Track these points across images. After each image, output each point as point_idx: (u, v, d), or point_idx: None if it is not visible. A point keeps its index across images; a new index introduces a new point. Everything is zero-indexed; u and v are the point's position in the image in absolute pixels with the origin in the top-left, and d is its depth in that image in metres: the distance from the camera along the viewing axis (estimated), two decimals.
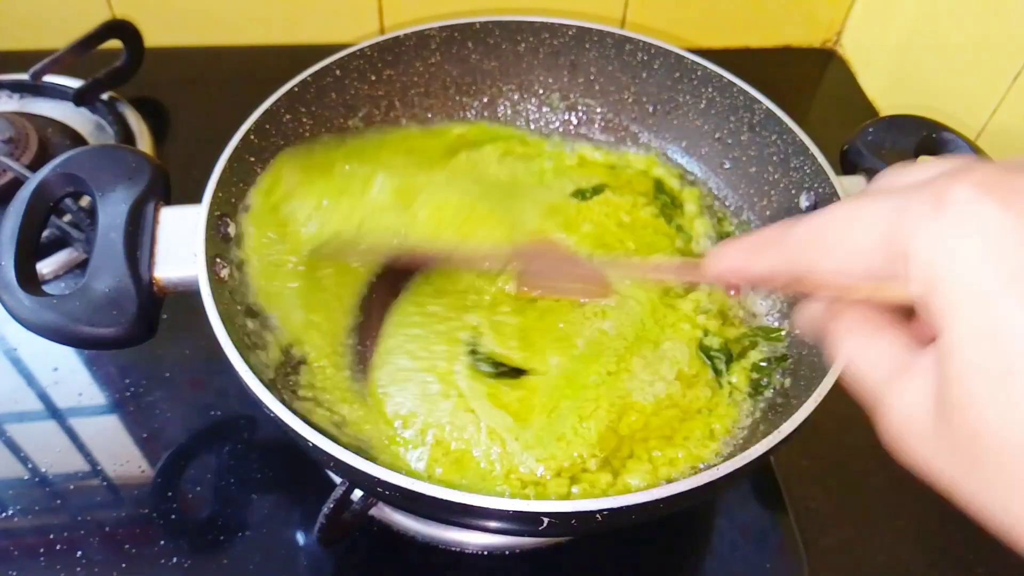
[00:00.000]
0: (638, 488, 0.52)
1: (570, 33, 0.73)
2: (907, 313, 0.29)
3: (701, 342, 0.61)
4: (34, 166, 0.73)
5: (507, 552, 0.59)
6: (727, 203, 0.72)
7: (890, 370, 0.27)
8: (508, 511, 0.42)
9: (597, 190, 0.71)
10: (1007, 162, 0.25)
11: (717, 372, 0.60)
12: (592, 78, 0.76)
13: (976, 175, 0.24)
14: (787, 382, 0.58)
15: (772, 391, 0.59)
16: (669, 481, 0.45)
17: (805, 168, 0.63)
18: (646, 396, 0.57)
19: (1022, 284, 0.22)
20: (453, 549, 0.59)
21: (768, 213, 0.68)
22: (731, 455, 0.52)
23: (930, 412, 0.25)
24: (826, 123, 0.95)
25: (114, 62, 0.85)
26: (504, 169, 0.73)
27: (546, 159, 0.74)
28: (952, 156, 0.63)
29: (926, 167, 0.28)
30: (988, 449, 0.23)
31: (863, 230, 0.27)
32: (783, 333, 0.62)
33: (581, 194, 0.70)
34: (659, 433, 0.56)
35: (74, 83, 0.84)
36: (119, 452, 0.63)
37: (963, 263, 0.23)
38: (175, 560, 0.57)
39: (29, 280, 0.50)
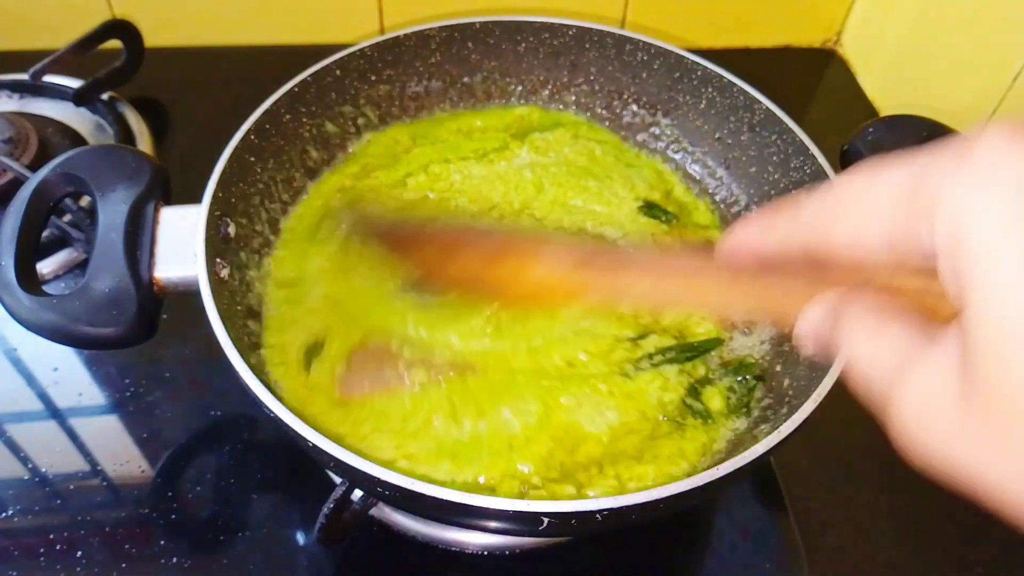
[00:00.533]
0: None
1: (570, 33, 0.73)
2: (924, 301, 0.27)
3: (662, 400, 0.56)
4: (34, 166, 0.73)
5: (507, 552, 0.59)
6: (726, 204, 0.72)
7: (902, 359, 0.25)
8: (508, 511, 0.42)
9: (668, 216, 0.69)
10: None
11: (692, 412, 0.56)
12: (592, 78, 0.76)
13: (1004, 126, 0.22)
14: (765, 399, 0.57)
15: (755, 409, 0.57)
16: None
17: (805, 168, 0.63)
18: (597, 426, 0.53)
19: None
20: (453, 549, 0.59)
21: None
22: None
23: (953, 392, 0.23)
24: (826, 123, 0.95)
25: (114, 62, 0.85)
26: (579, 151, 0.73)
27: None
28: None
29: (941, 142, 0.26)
30: None
31: (884, 189, 0.25)
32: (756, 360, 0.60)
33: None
34: (626, 455, 0.53)
35: (74, 83, 0.84)
36: (119, 452, 0.63)
37: (997, 211, 0.21)
38: (175, 560, 0.57)
39: (29, 280, 0.50)
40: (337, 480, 0.51)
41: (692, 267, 0.33)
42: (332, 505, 0.49)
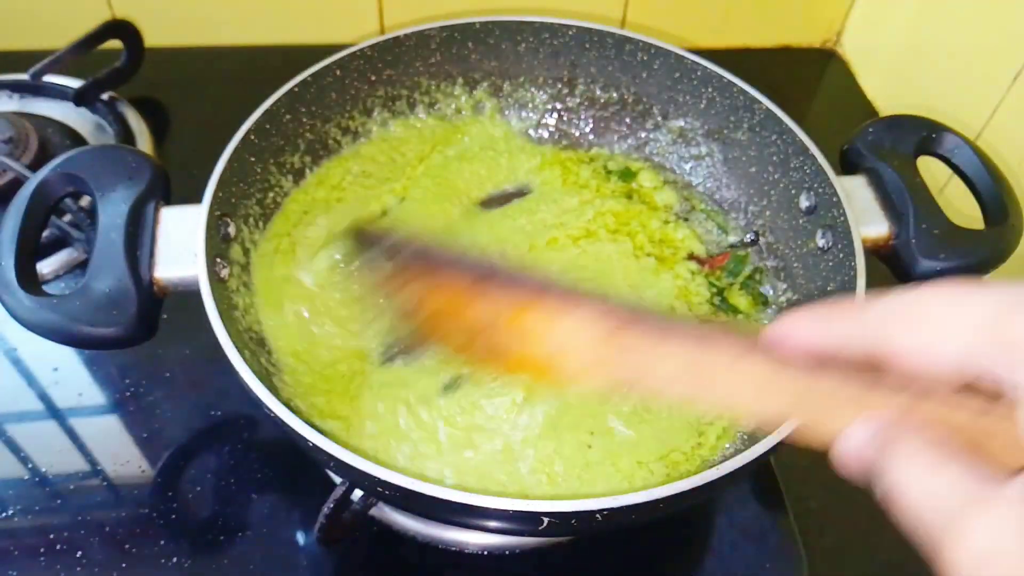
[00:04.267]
0: None
1: (570, 33, 0.73)
2: (978, 424, 0.26)
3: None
4: (34, 166, 0.73)
5: (507, 552, 0.59)
6: (726, 204, 0.72)
7: (963, 500, 0.24)
8: (508, 511, 0.42)
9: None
10: None
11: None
12: (592, 78, 0.76)
13: None
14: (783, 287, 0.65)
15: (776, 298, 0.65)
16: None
17: (805, 168, 0.63)
18: None
19: None
20: (453, 549, 0.59)
21: (768, 213, 0.68)
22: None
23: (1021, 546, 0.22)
24: (826, 123, 0.95)
25: (114, 62, 0.85)
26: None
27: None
28: None
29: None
30: None
31: (968, 312, 0.25)
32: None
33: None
34: None
35: (74, 83, 0.84)
36: (119, 452, 0.63)
37: None
38: (175, 560, 0.57)
39: (29, 280, 0.50)
40: (337, 480, 0.51)
41: (734, 350, 0.30)
42: (332, 505, 0.49)
